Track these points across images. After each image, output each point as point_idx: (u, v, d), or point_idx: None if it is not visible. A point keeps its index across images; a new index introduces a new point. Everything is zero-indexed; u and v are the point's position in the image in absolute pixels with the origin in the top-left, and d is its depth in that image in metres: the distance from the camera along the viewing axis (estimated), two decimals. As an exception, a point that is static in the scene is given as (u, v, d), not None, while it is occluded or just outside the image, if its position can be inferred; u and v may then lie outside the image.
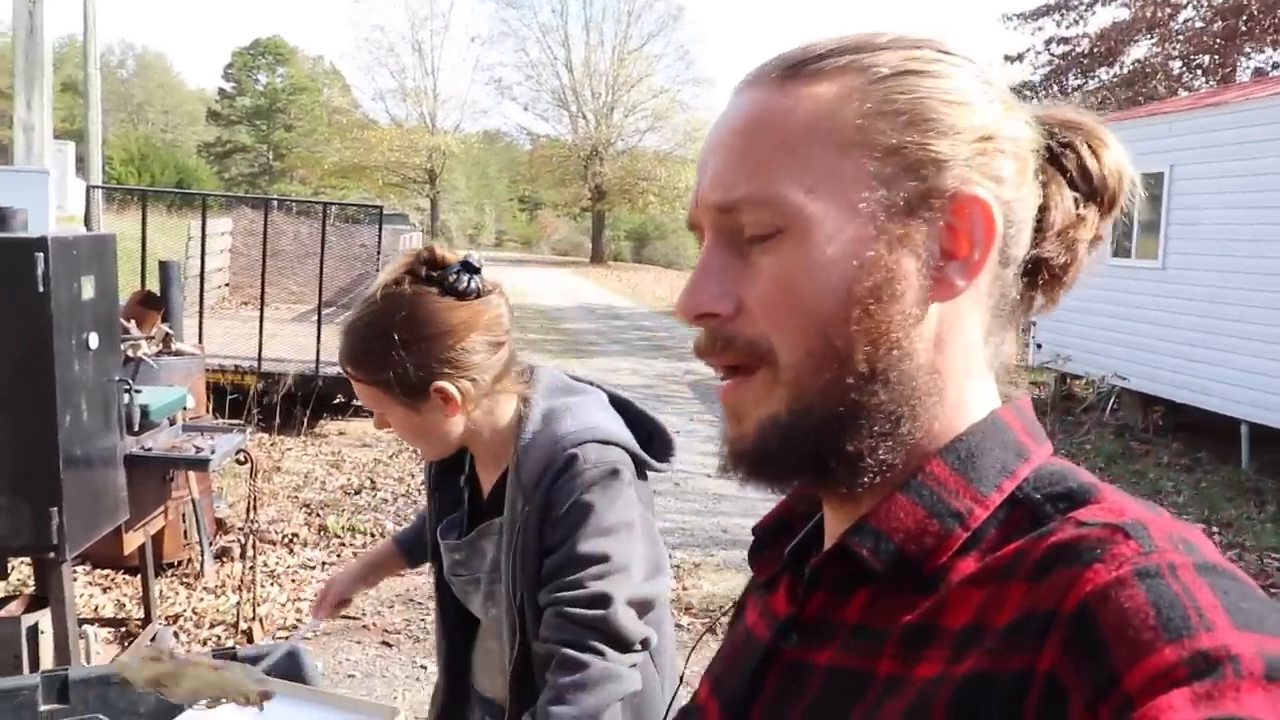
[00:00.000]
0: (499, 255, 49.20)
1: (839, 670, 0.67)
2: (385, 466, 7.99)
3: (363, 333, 1.58)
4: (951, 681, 0.58)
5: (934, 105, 0.66)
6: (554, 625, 1.52)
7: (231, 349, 8.71)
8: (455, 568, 1.75)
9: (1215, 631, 0.50)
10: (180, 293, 6.31)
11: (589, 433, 1.60)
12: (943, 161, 0.65)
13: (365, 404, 1.65)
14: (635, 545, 1.57)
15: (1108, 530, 0.58)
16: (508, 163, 58.19)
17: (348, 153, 44.45)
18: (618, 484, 1.57)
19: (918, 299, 0.66)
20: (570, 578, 1.52)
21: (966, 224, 0.66)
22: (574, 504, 1.54)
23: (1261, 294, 8.85)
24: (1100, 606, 0.53)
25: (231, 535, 5.85)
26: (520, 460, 1.60)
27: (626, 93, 45.19)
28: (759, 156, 0.67)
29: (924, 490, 0.66)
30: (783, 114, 0.67)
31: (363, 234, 12.95)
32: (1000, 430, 0.68)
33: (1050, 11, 22.02)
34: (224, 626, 4.74)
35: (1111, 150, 0.72)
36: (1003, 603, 0.59)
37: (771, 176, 0.66)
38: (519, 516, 1.58)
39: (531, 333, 18.11)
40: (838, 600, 0.69)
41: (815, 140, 0.66)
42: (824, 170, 0.65)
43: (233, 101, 61.78)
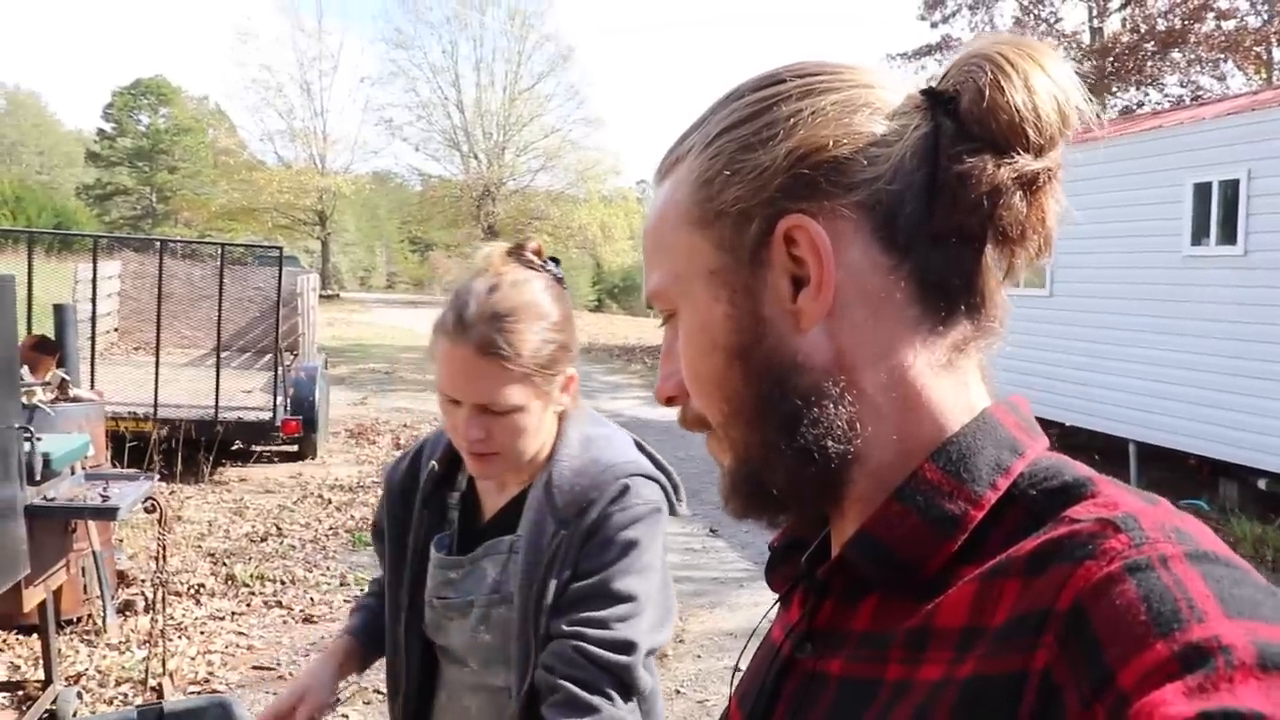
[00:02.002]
0: (391, 296, 48.71)
1: (850, 678, 0.67)
2: (290, 513, 7.78)
3: (518, 314, 1.48)
4: (955, 684, 0.58)
5: (737, 156, 0.69)
6: (567, 659, 1.45)
7: (125, 395, 8.39)
8: (442, 589, 1.62)
9: (1206, 622, 0.50)
10: (75, 337, 6.06)
11: (637, 466, 1.56)
12: (756, 206, 0.68)
13: (478, 397, 1.47)
14: (656, 590, 1.53)
15: (1099, 525, 0.58)
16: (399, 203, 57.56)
17: (235, 194, 43.38)
18: (659, 524, 1.55)
19: (787, 337, 0.68)
20: (597, 613, 1.47)
21: (801, 250, 0.67)
22: (619, 536, 1.49)
23: (1142, 318, 9.27)
24: (1092, 604, 0.54)
25: (134, 588, 5.62)
26: (554, 482, 1.54)
27: (518, 132, 45.19)
28: (651, 253, 0.75)
29: (917, 496, 0.66)
30: (658, 210, 0.74)
31: (257, 276, 12.65)
32: (992, 428, 0.68)
33: (931, 51, 22.88)
34: (130, 684, 4.53)
35: (1015, 78, 0.65)
36: (998, 601, 0.59)
37: (659, 269, 0.74)
38: (551, 542, 1.51)
39: (430, 373, 17.83)
40: (847, 608, 0.70)
41: (674, 227, 0.72)
42: (685, 252, 0.72)
43: (113, 142, 59.92)
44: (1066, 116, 0.66)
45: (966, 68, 0.67)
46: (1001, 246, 0.68)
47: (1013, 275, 0.70)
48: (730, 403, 0.71)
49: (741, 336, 0.69)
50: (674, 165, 0.74)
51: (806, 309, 0.67)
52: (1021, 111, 0.65)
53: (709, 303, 0.70)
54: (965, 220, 0.66)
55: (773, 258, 0.68)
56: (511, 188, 44.88)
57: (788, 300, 0.68)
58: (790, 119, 0.68)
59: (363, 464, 9.88)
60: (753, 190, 0.68)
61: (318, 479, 9.03)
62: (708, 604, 6.04)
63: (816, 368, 0.68)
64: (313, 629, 5.47)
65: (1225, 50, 20.98)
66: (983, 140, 0.66)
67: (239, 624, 5.46)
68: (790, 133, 0.67)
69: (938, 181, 0.66)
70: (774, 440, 0.69)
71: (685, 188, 0.72)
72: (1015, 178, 0.66)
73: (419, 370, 18.26)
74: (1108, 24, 22.65)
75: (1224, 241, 8.64)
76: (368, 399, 14.24)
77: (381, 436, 11.39)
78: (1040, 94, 0.65)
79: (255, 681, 4.77)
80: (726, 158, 0.69)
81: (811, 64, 0.71)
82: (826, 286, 0.66)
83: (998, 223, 0.67)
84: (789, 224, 0.67)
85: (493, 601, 1.58)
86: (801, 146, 0.67)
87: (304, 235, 46.22)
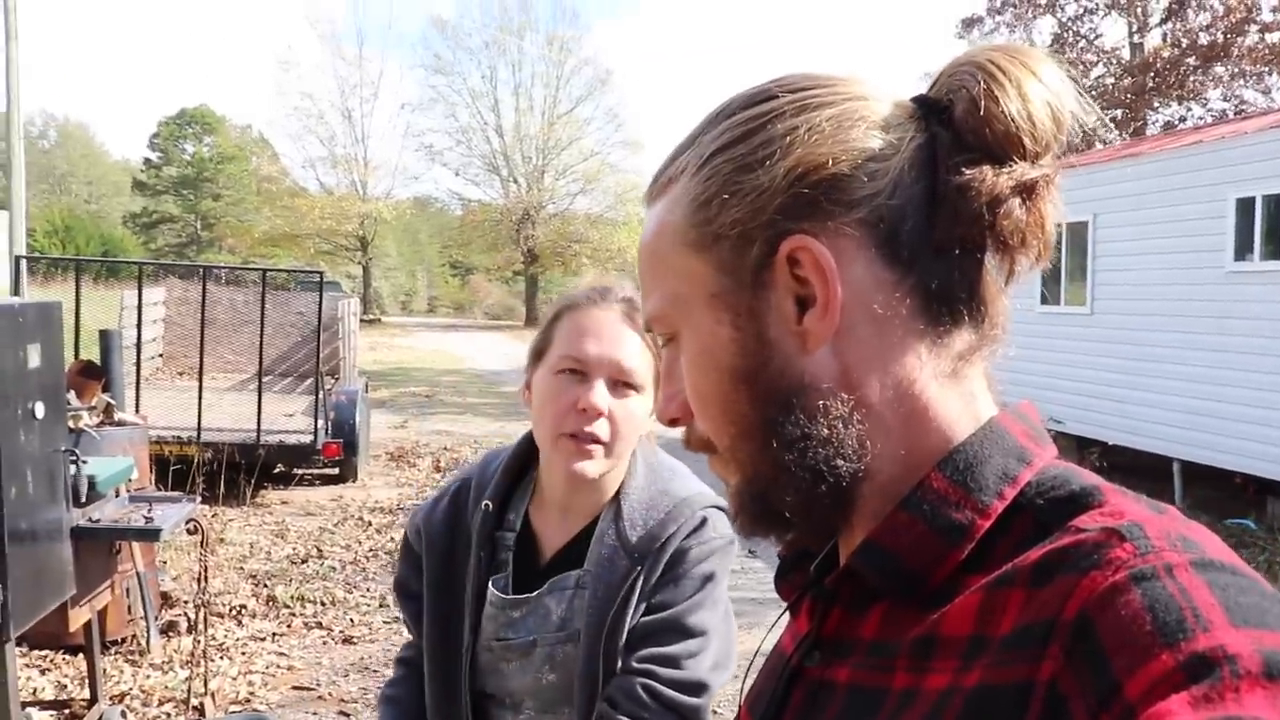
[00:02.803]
0: (432, 320, 49.00)
1: (857, 686, 0.67)
2: (331, 535, 7.85)
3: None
4: (962, 693, 0.58)
5: (734, 177, 0.68)
6: (635, 697, 1.40)
7: (169, 419, 8.52)
8: (502, 630, 1.54)
9: (1212, 631, 0.50)
10: (120, 362, 6.18)
11: (712, 498, 1.53)
12: (757, 228, 0.67)
13: (619, 355, 1.47)
14: (721, 623, 1.49)
15: (1104, 534, 0.57)
16: (439, 228, 58.12)
17: (278, 221, 44.06)
18: (731, 557, 1.52)
19: (793, 357, 0.68)
20: (669, 650, 1.42)
21: (805, 271, 0.66)
22: (696, 570, 1.46)
23: (1185, 335, 9.14)
24: (1098, 614, 0.53)
25: (177, 609, 5.70)
26: (625, 516, 1.50)
27: (557, 156, 45.55)
28: (646, 277, 0.75)
29: (924, 505, 0.66)
30: (652, 232, 0.74)
31: (298, 301, 12.82)
32: (1000, 436, 0.67)
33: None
34: (173, 704, 4.59)
35: (1009, 87, 0.65)
36: (1003, 610, 0.59)
37: (656, 293, 0.74)
38: (625, 578, 1.46)
39: (470, 396, 18.01)
40: (854, 617, 0.70)
41: (672, 250, 0.72)
42: (685, 275, 0.71)
43: (159, 171, 61.10)
44: (1061, 122, 0.66)
45: (958, 76, 0.67)
46: (1002, 254, 0.68)
47: (1013, 281, 0.70)
48: (737, 425, 0.70)
49: (747, 360, 0.69)
50: (667, 186, 0.73)
51: (813, 329, 0.67)
52: (1017, 120, 0.64)
53: (712, 326, 0.70)
54: (967, 231, 0.66)
55: (776, 279, 0.67)
56: (551, 211, 45.19)
57: (793, 321, 0.67)
58: (786, 137, 0.67)
59: (403, 486, 9.95)
60: (752, 212, 0.67)
61: (358, 501, 9.11)
62: (746, 624, 5.98)
63: (824, 387, 0.67)
64: (352, 649, 5.51)
65: (1269, 63, 20.72)
66: (980, 150, 0.65)
67: (280, 645, 5.52)
68: (787, 151, 0.67)
69: (938, 194, 0.66)
70: (784, 461, 0.68)
71: (681, 210, 0.71)
72: (1014, 186, 0.65)
73: (459, 393, 18.38)
74: (1148, 39, 22.46)
75: (1269, 257, 8.51)
76: (408, 422, 14.34)
77: (422, 459, 11.46)
78: (1034, 101, 0.65)
79: (295, 701, 4.81)
80: (723, 179, 0.69)
81: (800, 78, 0.71)
82: (833, 306, 0.66)
83: (998, 231, 0.66)
84: (792, 245, 0.66)
85: (559, 640, 1.51)
86: (800, 165, 0.66)
87: (346, 260, 46.80)
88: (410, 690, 1.66)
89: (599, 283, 1.56)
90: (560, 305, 1.55)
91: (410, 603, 1.66)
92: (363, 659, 5.36)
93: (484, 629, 1.55)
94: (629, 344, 1.49)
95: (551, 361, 1.51)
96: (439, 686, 1.59)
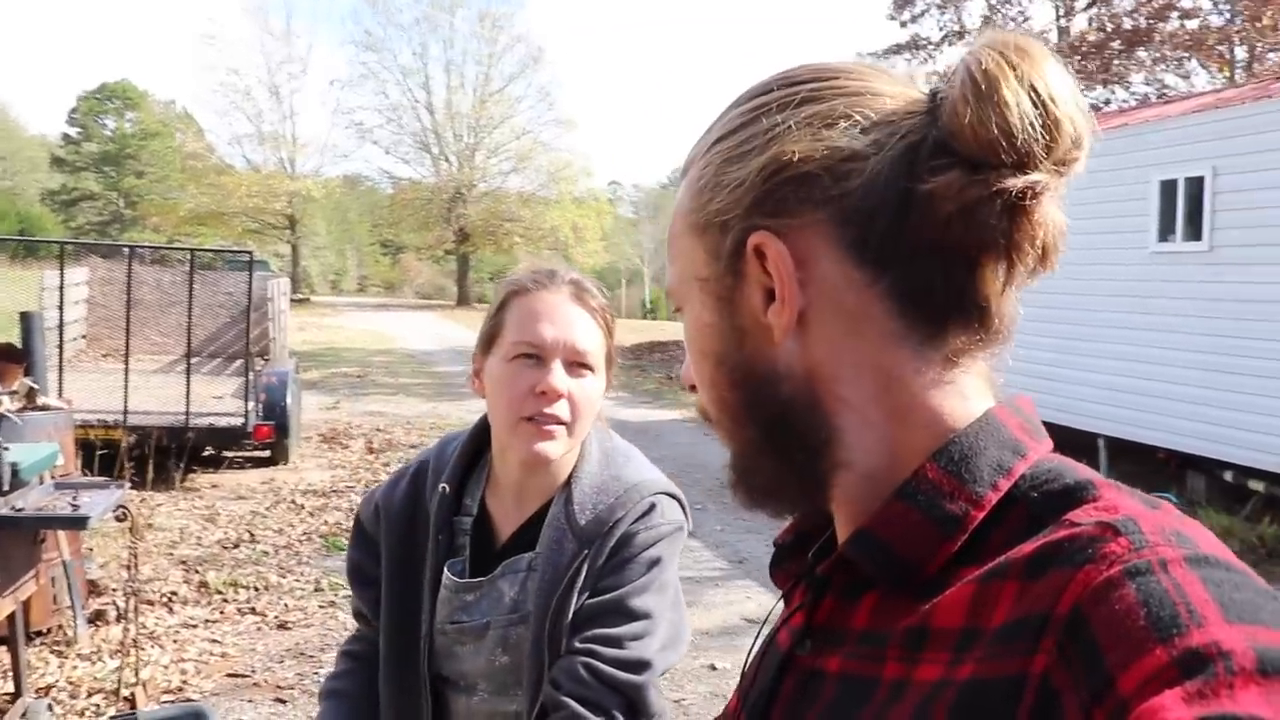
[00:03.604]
0: (363, 300, 48.40)
1: (848, 675, 0.67)
2: (263, 519, 7.73)
3: (595, 286, 1.58)
4: (954, 685, 0.58)
5: (720, 169, 0.71)
6: (576, 676, 1.41)
7: (95, 402, 8.30)
8: (455, 614, 1.54)
9: (1206, 627, 0.50)
10: (43, 344, 5.99)
11: (662, 484, 1.54)
12: (733, 219, 0.70)
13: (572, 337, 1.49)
14: (669, 608, 1.51)
15: (1099, 528, 0.58)
16: (369, 207, 57.23)
17: (204, 199, 42.97)
18: (680, 543, 1.53)
19: (762, 346, 0.70)
20: (612, 630, 1.43)
21: (769, 264, 0.68)
22: (643, 555, 1.47)
23: (1112, 314, 9.36)
24: (1092, 609, 0.53)
25: (105, 597, 5.57)
26: (575, 499, 1.51)
27: (489, 134, 45.11)
28: (669, 250, 0.78)
29: (918, 495, 0.66)
30: (674, 209, 0.77)
31: (227, 281, 12.55)
32: (995, 429, 0.68)
33: (902, 50, 23.02)
34: (103, 695, 4.49)
35: (980, 93, 0.62)
36: (996, 603, 0.59)
37: (671, 269, 0.78)
38: (572, 561, 1.47)
39: (403, 377, 17.83)
40: (846, 606, 0.70)
41: (678, 231, 0.76)
42: (686, 255, 0.75)
43: (79, 147, 59.36)
44: (1055, 129, 0.63)
45: (953, 74, 0.65)
46: (997, 259, 0.66)
47: (1012, 285, 0.68)
48: (720, 403, 0.75)
49: (723, 344, 0.72)
50: (689, 166, 0.76)
51: (774, 322, 0.69)
52: (995, 127, 0.62)
53: (700, 308, 0.74)
54: (940, 235, 0.65)
55: (748, 270, 0.69)
56: (483, 190, 44.80)
57: (760, 313, 0.69)
58: (767, 133, 0.69)
59: (336, 469, 9.83)
60: (730, 203, 0.70)
61: (290, 484, 8.98)
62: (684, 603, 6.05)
63: (794, 378, 0.69)
64: (287, 635, 5.44)
65: (1189, 49, 21.21)
66: (957, 155, 0.63)
67: (212, 632, 5.43)
68: (765, 148, 0.68)
69: (910, 198, 0.65)
70: (754, 442, 0.73)
71: (687, 193, 0.75)
72: (988, 194, 0.63)
73: (391, 374, 18.19)
74: (1075, 23, 22.86)
75: (1190, 238, 8.74)
76: (340, 403, 14.16)
77: (354, 441, 11.33)
78: (1014, 107, 0.62)
79: (230, 689, 4.74)
80: (714, 169, 0.72)
81: (803, 71, 0.71)
82: (790, 302, 0.68)
83: (981, 239, 0.65)
84: (757, 240, 0.68)
85: (511, 622, 1.52)
86: (772, 162, 0.68)
87: (274, 239, 45.94)
88: (356, 683, 1.64)
89: (540, 265, 1.57)
90: (507, 290, 1.54)
91: (366, 589, 1.64)
92: (298, 644, 5.29)
93: (438, 612, 1.55)
94: (581, 325, 1.50)
95: (505, 348, 1.50)
96: (396, 672, 1.58)
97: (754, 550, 7.28)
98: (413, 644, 1.57)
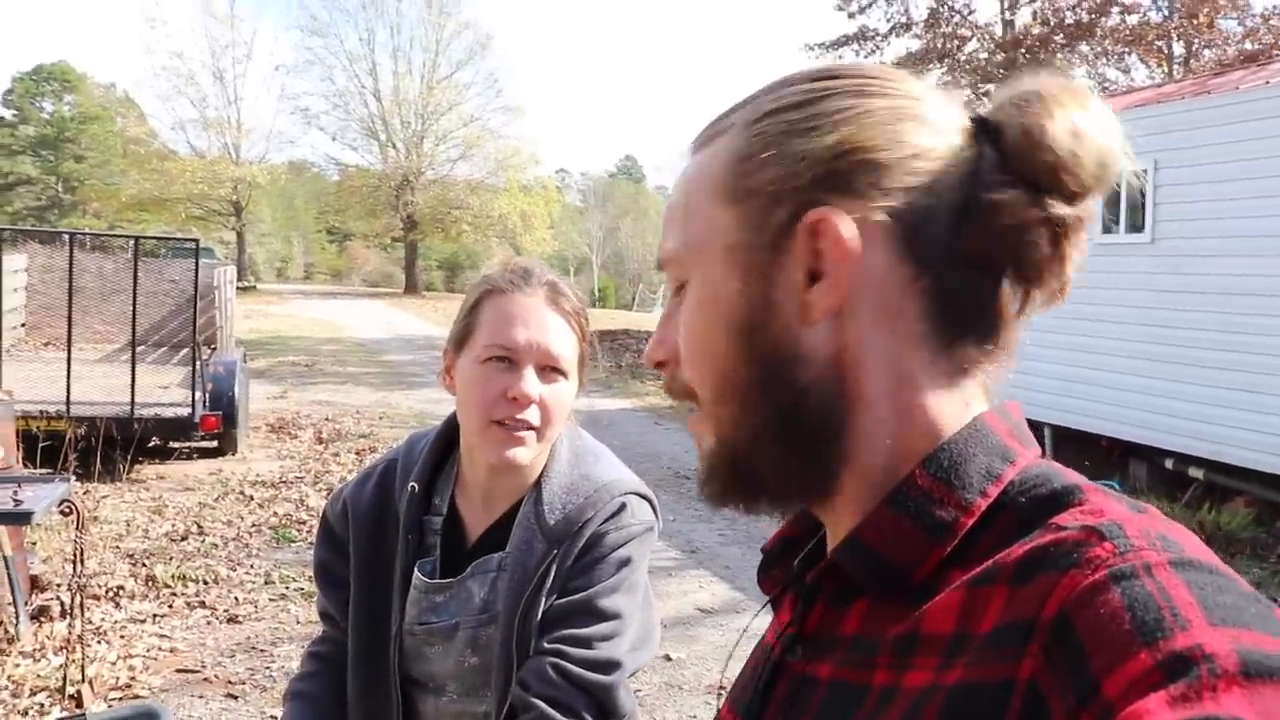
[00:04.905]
0: (309, 288, 47.80)
1: (839, 682, 0.68)
2: (211, 510, 7.62)
3: (570, 288, 1.57)
4: (942, 691, 0.59)
5: (779, 139, 0.69)
6: (544, 677, 1.40)
7: (36, 393, 8.11)
8: (424, 614, 1.53)
9: (1190, 630, 0.51)
10: (-18, 335, 5.86)
11: (632, 484, 1.53)
12: (788, 191, 0.68)
13: (546, 341, 1.47)
14: (639, 608, 1.50)
15: (1084, 532, 0.58)
16: (316, 193, 56.44)
17: (146, 184, 41.99)
18: (650, 543, 1.53)
19: (794, 326, 0.68)
20: (580, 631, 1.43)
21: (822, 244, 0.67)
22: (612, 555, 1.46)
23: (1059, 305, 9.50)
24: (1078, 613, 0.54)
25: (49, 593, 5.46)
26: (545, 499, 1.50)
27: (436, 121, 44.61)
28: (674, 219, 0.75)
29: (909, 502, 0.66)
30: (688, 178, 0.75)
31: (172, 269, 12.32)
32: (984, 435, 0.68)
33: (849, 41, 23.14)
34: (47, 693, 4.39)
35: (1060, 121, 0.66)
36: (984, 608, 0.60)
37: (677, 235, 0.75)
38: (541, 562, 1.47)
39: (351, 366, 17.65)
40: (836, 613, 0.71)
41: (701, 197, 0.73)
42: (707, 223, 0.72)
43: (14, 130, 57.75)
44: (1107, 169, 0.67)
45: (1018, 102, 0.68)
46: (1020, 282, 0.69)
47: (1025, 313, 0.71)
48: (726, 379, 0.71)
49: (750, 315, 0.69)
50: (713, 138, 0.74)
51: (817, 302, 0.67)
52: (1064, 157, 0.65)
53: (723, 277, 0.71)
54: (989, 249, 0.67)
55: (794, 245, 0.68)
56: (430, 177, 44.37)
57: (799, 290, 0.68)
58: (838, 113, 0.69)
59: (285, 459, 9.71)
60: (788, 175, 0.68)
61: (239, 475, 8.86)
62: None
63: (818, 362, 0.68)
64: (238, 629, 5.37)
65: (1130, 44, 21.57)
66: (1021, 176, 0.66)
67: (161, 626, 5.34)
68: (836, 127, 0.68)
69: (970, 206, 0.67)
70: (763, 426, 0.70)
71: (722, 161, 0.72)
72: (1044, 219, 0.66)
73: (339, 363, 18.00)
74: (1019, 16, 23.12)
75: (1132, 230, 8.91)
76: (288, 392, 13.98)
77: (303, 430, 11.20)
78: (1086, 143, 0.66)
79: (180, 685, 4.67)
80: (769, 139, 0.70)
81: (868, 66, 0.73)
82: (840, 283, 0.67)
83: (1020, 258, 0.67)
84: (817, 215, 0.67)
85: (481, 622, 1.51)
86: (846, 143, 0.68)
87: (219, 226, 45.16)
88: (323, 685, 1.62)
89: (517, 263, 1.55)
90: (481, 290, 1.53)
91: (334, 589, 1.62)
92: (249, 638, 5.23)
93: (407, 613, 1.54)
94: (555, 330, 1.49)
95: (477, 349, 1.49)
96: (365, 673, 1.57)
97: (706, 540, 7.32)
98: (382, 645, 1.55)
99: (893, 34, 23.08)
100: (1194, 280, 8.28)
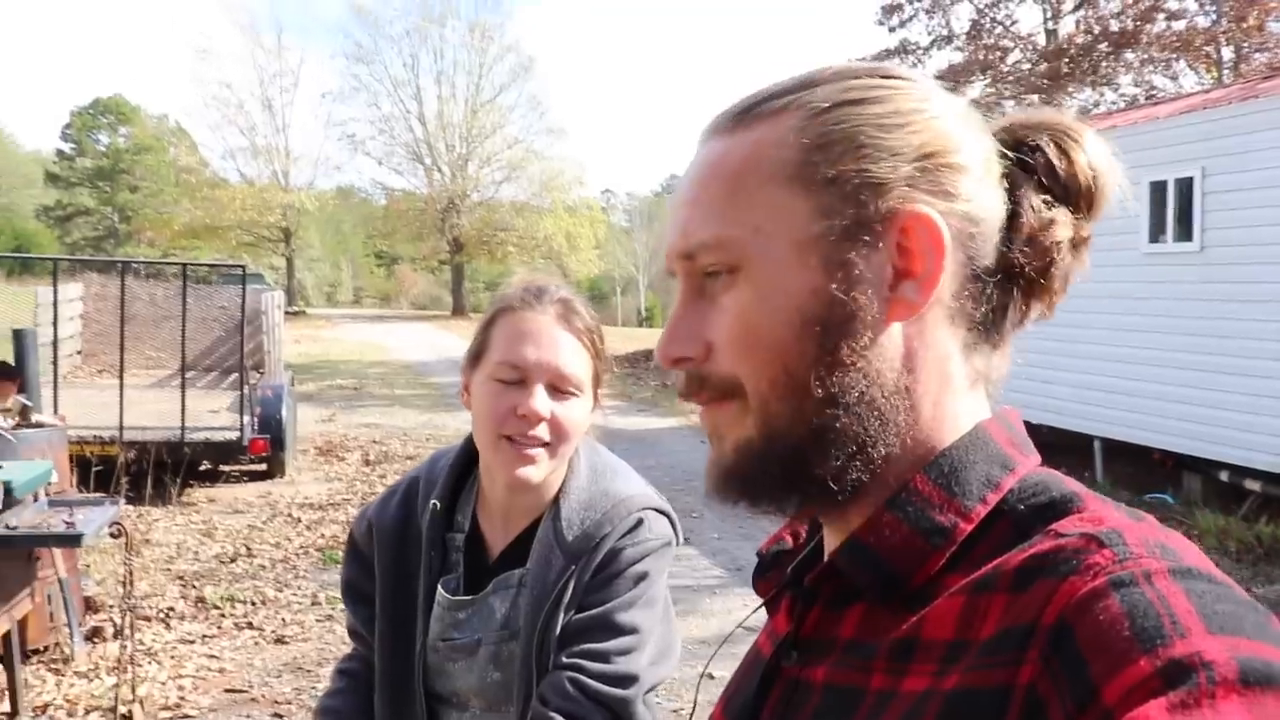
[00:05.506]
0: (358, 312, 48.38)
1: (834, 686, 0.68)
2: (260, 532, 7.72)
3: (585, 307, 1.58)
4: (940, 696, 0.59)
5: (868, 131, 0.67)
6: (562, 691, 1.41)
7: (90, 419, 8.28)
8: (447, 630, 1.54)
9: (1189, 638, 0.51)
10: (37, 361, 6.00)
11: (649, 499, 1.54)
12: (880, 185, 0.67)
13: (556, 360, 1.48)
14: (659, 623, 1.51)
15: (1084, 540, 0.58)
16: (363, 218, 57.13)
17: (198, 213, 42.88)
18: (668, 558, 1.53)
19: (873, 322, 0.67)
20: (598, 645, 1.43)
21: (914, 242, 0.66)
22: (630, 570, 1.47)
23: (1106, 316, 9.38)
24: (1077, 619, 0.54)
25: (102, 614, 5.56)
26: (563, 515, 1.51)
27: (481, 144, 45.06)
28: (713, 202, 0.70)
29: (909, 507, 0.67)
30: (732, 159, 0.70)
31: (221, 295, 12.55)
32: (984, 443, 0.69)
33: (891, 55, 23.01)
34: (100, 712, 4.48)
35: (1085, 149, 0.71)
36: (984, 615, 0.60)
37: (724, 219, 0.69)
38: (560, 577, 1.47)
39: (398, 388, 17.81)
40: (833, 617, 0.71)
41: (760, 180, 0.69)
42: (769, 208, 0.68)
43: (72, 163, 59.27)
44: (1113, 192, 0.73)
45: (1047, 129, 0.72)
46: (1029, 294, 0.72)
47: (1022, 325, 0.73)
48: (790, 373, 0.68)
49: (826, 310, 0.67)
50: (759, 119, 0.70)
51: (906, 300, 0.67)
52: (1096, 178, 0.71)
53: (796, 268, 0.68)
54: (1028, 262, 0.69)
55: (883, 241, 0.67)
56: (476, 200, 44.77)
57: (886, 287, 0.67)
58: (917, 112, 0.69)
59: (332, 481, 9.82)
60: (880, 169, 0.67)
61: (287, 498, 8.97)
62: (680, 611, 6.03)
63: (890, 360, 0.68)
64: (285, 649, 5.43)
65: (1177, 50, 21.25)
66: (1062, 197, 0.71)
67: (210, 647, 5.42)
68: (923, 126, 0.68)
69: (1019, 220, 0.70)
70: (827, 424, 0.67)
71: (792, 145, 0.68)
72: (1072, 236, 0.71)
73: (387, 385, 18.17)
74: (1062, 25, 22.89)
75: (1181, 238, 8.76)
76: (335, 415, 14.14)
77: (350, 453, 11.32)
78: (1105, 167, 0.72)
79: (227, 705, 4.73)
80: (854, 129, 0.68)
81: (907, 69, 0.75)
82: (929, 284, 0.67)
83: (1046, 271, 0.70)
84: (914, 214, 0.67)
85: (503, 638, 1.52)
86: (933, 143, 0.68)
87: (269, 252, 45.94)
88: (351, 702, 1.64)
89: (532, 281, 1.56)
90: (495, 307, 1.55)
91: (361, 606, 1.64)
92: (296, 659, 5.29)
93: (431, 629, 1.55)
94: (566, 348, 1.50)
95: (489, 367, 1.51)
96: (392, 689, 1.58)
97: (751, 557, 7.25)
98: (407, 661, 1.57)
99: (934, 47, 22.96)
100: (1246, 289, 8.12)
